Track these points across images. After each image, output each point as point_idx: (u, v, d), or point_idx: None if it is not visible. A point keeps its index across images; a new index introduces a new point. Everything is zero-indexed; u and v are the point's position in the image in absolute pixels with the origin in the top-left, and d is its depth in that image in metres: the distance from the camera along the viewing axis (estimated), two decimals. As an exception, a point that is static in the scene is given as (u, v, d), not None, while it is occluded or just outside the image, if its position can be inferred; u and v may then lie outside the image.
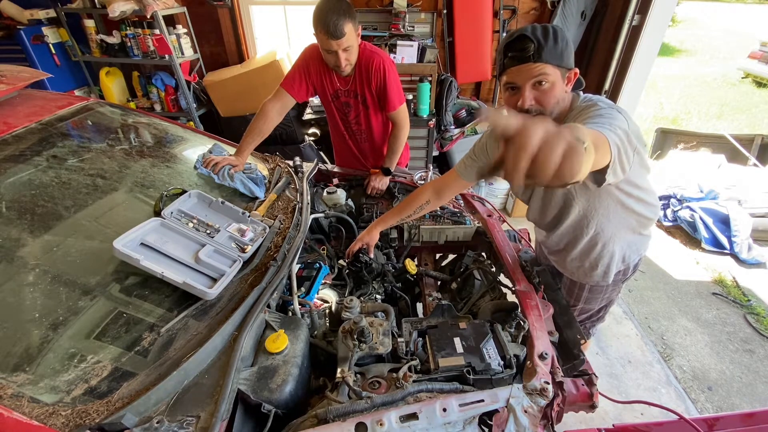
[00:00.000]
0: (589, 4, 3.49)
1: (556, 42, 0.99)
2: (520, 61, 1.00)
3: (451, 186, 1.50)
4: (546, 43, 0.98)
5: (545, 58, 0.99)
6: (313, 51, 1.79)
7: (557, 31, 1.00)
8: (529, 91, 1.03)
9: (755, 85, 8.69)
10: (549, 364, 1.06)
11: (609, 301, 1.57)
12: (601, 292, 1.50)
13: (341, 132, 2.07)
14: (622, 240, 1.34)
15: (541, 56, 0.99)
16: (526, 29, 1.00)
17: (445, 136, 3.64)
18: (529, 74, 1.01)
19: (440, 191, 1.51)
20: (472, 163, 1.41)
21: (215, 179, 1.53)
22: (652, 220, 1.33)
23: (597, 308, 1.58)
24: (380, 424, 0.87)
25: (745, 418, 1.05)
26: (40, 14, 3.17)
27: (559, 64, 1.02)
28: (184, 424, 0.80)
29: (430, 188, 1.52)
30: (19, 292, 0.93)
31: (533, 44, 0.98)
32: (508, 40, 1.02)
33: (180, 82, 3.33)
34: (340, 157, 2.26)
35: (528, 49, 0.98)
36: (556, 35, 1.00)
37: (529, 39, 0.98)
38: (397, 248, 1.75)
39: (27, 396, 0.77)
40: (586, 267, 1.44)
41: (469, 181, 1.46)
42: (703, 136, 4.50)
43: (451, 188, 1.51)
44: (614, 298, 1.56)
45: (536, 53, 0.98)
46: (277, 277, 1.17)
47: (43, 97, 1.62)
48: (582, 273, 1.48)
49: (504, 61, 1.03)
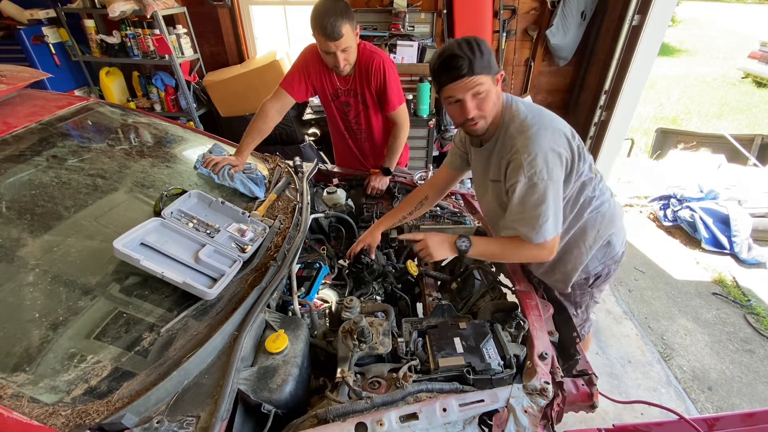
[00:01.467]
0: (589, 4, 3.49)
1: (482, 53, 1.07)
2: (456, 78, 1.08)
3: (443, 179, 1.56)
4: (474, 57, 1.06)
5: (477, 71, 1.07)
6: (312, 51, 1.79)
7: (480, 43, 1.09)
8: (470, 101, 1.13)
9: (755, 85, 8.70)
10: (549, 364, 1.06)
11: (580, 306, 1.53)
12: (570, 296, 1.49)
13: (341, 132, 2.07)
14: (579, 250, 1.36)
15: (473, 70, 1.07)
16: (452, 48, 1.08)
17: (445, 136, 3.64)
18: (466, 88, 1.10)
19: (436, 185, 1.57)
20: (456, 152, 1.49)
21: (215, 179, 1.53)
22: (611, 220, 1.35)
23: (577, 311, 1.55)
24: (380, 424, 0.87)
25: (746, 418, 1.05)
26: (40, 14, 3.17)
27: (488, 72, 1.10)
28: (184, 424, 0.80)
29: (427, 184, 1.59)
30: (19, 292, 0.93)
31: (465, 61, 1.06)
32: (440, 60, 1.10)
33: (180, 82, 3.33)
34: (340, 157, 2.26)
35: (462, 66, 1.06)
36: (480, 47, 1.08)
37: (460, 57, 1.06)
38: (398, 248, 1.75)
39: (27, 396, 0.77)
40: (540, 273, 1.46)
41: (459, 171, 1.53)
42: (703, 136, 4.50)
43: (445, 181, 1.56)
44: (585, 302, 1.53)
45: (469, 69, 1.07)
46: (277, 277, 1.17)
47: (43, 97, 1.62)
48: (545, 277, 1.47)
49: (441, 79, 1.12)
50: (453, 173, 1.54)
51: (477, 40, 1.09)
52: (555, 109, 1.23)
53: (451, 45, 1.09)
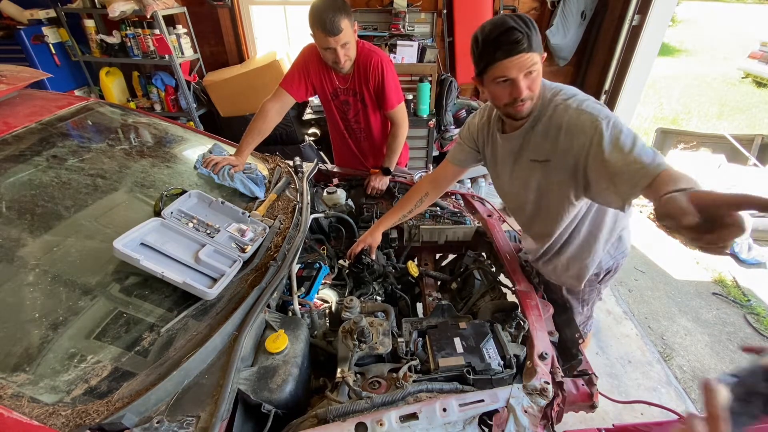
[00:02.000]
0: (589, 4, 3.49)
1: (535, 30, 1.01)
2: (514, 53, 1.00)
3: (446, 175, 1.51)
4: (531, 33, 1.00)
5: (534, 47, 1.01)
6: (312, 50, 1.79)
7: (530, 20, 1.03)
8: (523, 81, 1.05)
9: (755, 85, 8.69)
10: (549, 364, 1.06)
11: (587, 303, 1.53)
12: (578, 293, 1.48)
13: (341, 131, 2.07)
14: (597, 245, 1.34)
15: (531, 46, 1.00)
16: (507, 21, 0.99)
17: (445, 136, 3.64)
18: (522, 65, 1.02)
19: (436, 182, 1.53)
20: (461, 149, 1.43)
21: (215, 179, 1.53)
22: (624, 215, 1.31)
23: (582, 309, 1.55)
24: (380, 424, 0.87)
25: None
26: (40, 14, 3.17)
27: (540, 51, 1.04)
28: (184, 424, 0.80)
29: (426, 181, 1.55)
30: (19, 292, 0.93)
31: (524, 36, 0.98)
32: (494, 33, 1.00)
33: (180, 82, 3.33)
34: (340, 157, 2.26)
35: (521, 41, 0.98)
36: (532, 22, 1.02)
37: (518, 30, 0.98)
38: (397, 248, 1.75)
39: (27, 396, 0.77)
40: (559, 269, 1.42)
41: (461, 168, 1.48)
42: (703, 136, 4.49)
43: (446, 177, 1.52)
44: (592, 299, 1.52)
45: (528, 44, 0.99)
46: (277, 277, 1.17)
47: (43, 97, 1.62)
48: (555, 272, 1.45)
49: (494, 55, 1.02)
50: (455, 170, 1.48)
51: (526, 16, 1.03)
52: None
53: (504, 19, 1.00)
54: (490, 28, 1.02)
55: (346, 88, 1.85)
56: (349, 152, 2.15)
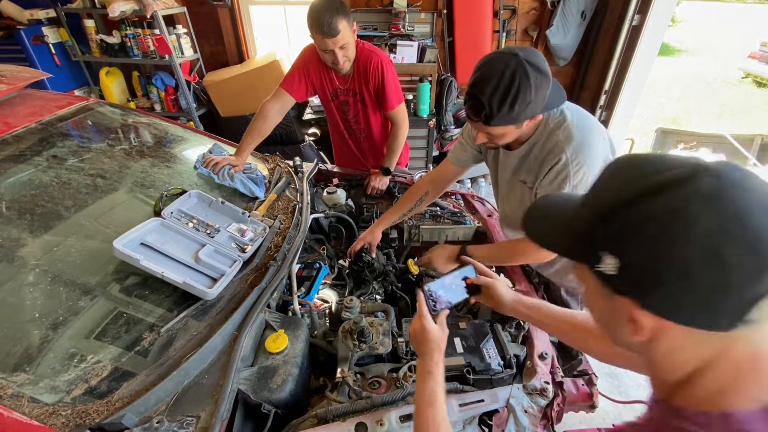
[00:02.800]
0: (589, 4, 3.49)
1: (513, 108, 0.95)
2: (472, 117, 1.02)
3: (446, 175, 1.51)
4: (499, 111, 0.95)
5: (495, 123, 0.99)
6: (312, 51, 1.78)
7: (519, 93, 0.93)
8: (484, 137, 1.09)
9: (755, 85, 8.69)
10: (549, 364, 1.06)
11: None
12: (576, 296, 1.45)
13: (341, 131, 2.07)
14: None
15: (490, 122, 0.99)
16: (487, 89, 0.95)
17: (445, 136, 3.64)
18: (480, 129, 1.05)
19: (437, 181, 1.52)
20: (462, 149, 1.42)
21: (215, 179, 1.53)
22: None
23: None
24: (380, 424, 0.87)
25: None
26: (40, 14, 3.17)
27: (513, 124, 1.01)
28: (184, 424, 0.80)
29: (426, 180, 1.54)
30: (19, 292, 0.93)
31: (485, 111, 0.97)
32: (471, 83, 0.99)
33: (180, 82, 3.33)
34: (340, 157, 2.26)
35: (479, 113, 0.98)
36: (516, 99, 0.94)
37: (483, 105, 0.96)
38: (397, 248, 1.75)
39: (27, 396, 0.77)
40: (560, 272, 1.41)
41: (462, 167, 1.47)
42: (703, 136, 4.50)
43: (447, 177, 1.52)
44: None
45: (486, 119, 0.98)
46: (277, 277, 1.17)
47: (43, 97, 1.62)
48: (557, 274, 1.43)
49: (465, 108, 1.04)
50: (456, 170, 1.47)
51: (522, 85, 0.92)
52: None
53: (490, 82, 0.94)
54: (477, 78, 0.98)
55: (346, 88, 1.85)
56: (349, 152, 2.14)
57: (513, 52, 0.94)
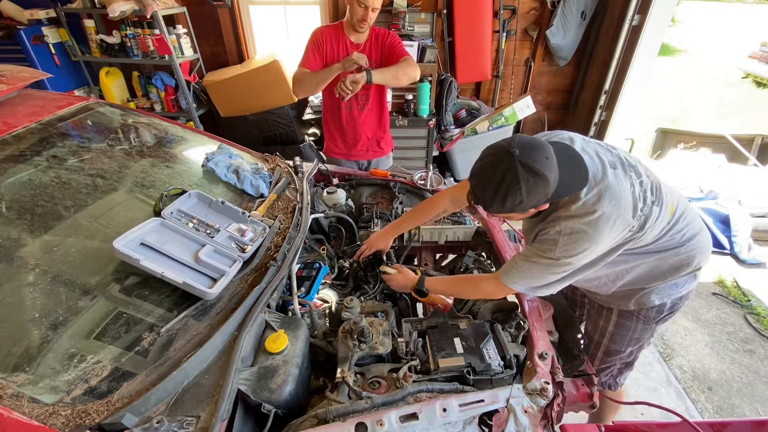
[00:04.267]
0: (589, 4, 3.49)
1: (504, 204, 0.94)
2: (472, 202, 1.03)
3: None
4: (491, 206, 0.97)
5: (491, 212, 1.02)
6: (321, 30, 2.02)
7: (508, 195, 0.92)
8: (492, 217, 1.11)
9: (755, 85, 8.69)
10: (549, 364, 1.06)
11: (639, 343, 1.39)
12: (629, 329, 1.35)
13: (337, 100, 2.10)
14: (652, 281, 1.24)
15: (487, 210, 1.01)
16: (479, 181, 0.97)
17: (445, 136, 3.64)
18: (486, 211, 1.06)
19: (457, 200, 1.47)
20: None
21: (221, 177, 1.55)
22: (687, 262, 1.21)
23: (626, 350, 1.40)
24: (380, 424, 0.87)
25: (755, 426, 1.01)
26: (40, 14, 3.17)
27: (511, 212, 1.01)
28: (184, 424, 0.80)
29: (447, 197, 1.47)
30: (19, 292, 0.93)
31: (479, 201, 1.00)
32: (471, 171, 1.00)
33: (180, 82, 3.32)
34: (330, 136, 2.32)
35: (477, 201, 1.01)
36: (505, 199, 0.93)
37: (477, 196, 0.99)
38: (398, 248, 1.75)
39: (27, 396, 0.77)
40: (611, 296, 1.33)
41: None
42: (703, 136, 4.50)
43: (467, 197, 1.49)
44: (645, 340, 1.39)
45: (484, 206, 1.00)
46: (277, 277, 1.17)
47: (43, 97, 1.62)
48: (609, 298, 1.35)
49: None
50: None
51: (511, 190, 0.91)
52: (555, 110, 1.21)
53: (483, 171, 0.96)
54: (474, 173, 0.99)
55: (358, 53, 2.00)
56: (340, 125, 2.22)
57: (511, 150, 0.91)
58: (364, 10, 1.85)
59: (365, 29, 1.97)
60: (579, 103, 3.93)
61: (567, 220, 1.02)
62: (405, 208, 1.81)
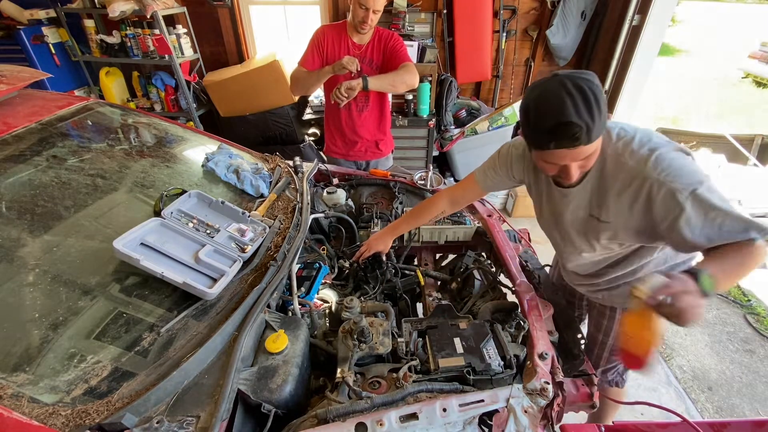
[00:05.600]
0: (589, 4, 3.49)
1: (600, 112, 0.86)
2: (569, 147, 0.89)
3: (467, 195, 1.45)
4: (594, 122, 0.86)
5: (593, 137, 0.89)
6: (323, 30, 2.02)
7: (597, 96, 0.86)
8: (576, 167, 0.96)
9: (755, 85, 8.69)
10: (549, 364, 1.06)
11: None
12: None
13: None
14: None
15: (590, 138, 0.88)
16: (565, 111, 0.85)
17: (445, 136, 3.64)
18: (577, 156, 0.92)
19: (456, 201, 1.46)
20: (494, 175, 1.33)
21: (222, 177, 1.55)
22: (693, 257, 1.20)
23: None
24: (380, 424, 0.87)
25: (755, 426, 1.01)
26: (40, 14, 3.17)
27: (601, 133, 0.92)
28: (184, 424, 0.80)
29: (445, 198, 1.46)
30: (19, 292, 0.93)
31: (583, 129, 0.85)
32: (552, 122, 0.87)
33: (180, 82, 3.32)
34: (330, 136, 2.32)
35: (579, 137, 0.87)
36: (599, 102, 0.86)
37: (578, 125, 0.85)
38: (398, 248, 1.75)
39: (27, 396, 0.77)
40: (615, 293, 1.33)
41: (487, 191, 1.41)
42: (703, 136, 4.49)
43: (467, 197, 1.46)
44: None
45: (586, 137, 0.87)
46: (277, 277, 1.17)
47: (43, 97, 1.62)
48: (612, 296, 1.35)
49: (544, 142, 0.91)
50: (481, 193, 1.40)
51: (594, 90, 0.86)
52: None
53: (562, 104, 0.85)
54: (544, 112, 0.88)
55: (360, 53, 2.03)
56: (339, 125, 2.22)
57: (553, 74, 0.90)
58: (365, 12, 1.85)
59: (367, 31, 1.96)
60: (579, 103, 3.92)
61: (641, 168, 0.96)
62: (405, 208, 1.81)
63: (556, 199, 1.19)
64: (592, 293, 1.40)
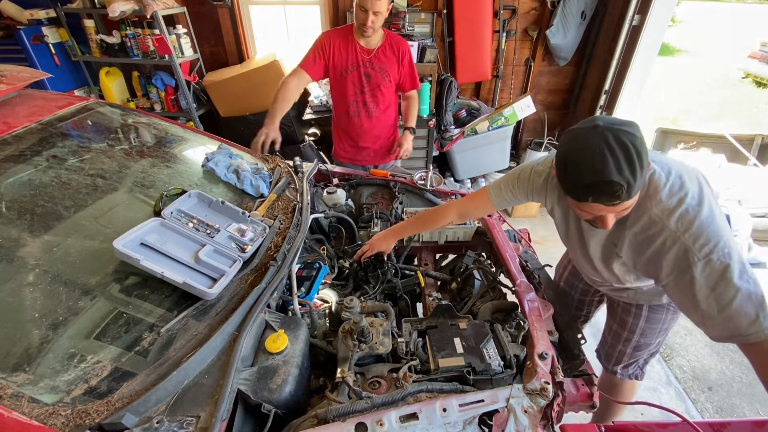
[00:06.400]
0: (589, 4, 3.49)
1: (642, 168, 0.85)
2: (609, 203, 0.89)
3: (479, 210, 1.45)
4: (635, 180, 0.85)
5: (634, 193, 0.88)
6: (328, 34, 2.02)
7: (640, 152, 0.84)
8: (612, 218, 0.96)
9: (755, 85, 8.69)
10: (549, 364, 1.06)
11: (667, 332, 1.42)
12: (660, 321, 1.37)
13: (346, 105, 2.15)
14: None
15: (630, 195, 0.87)
16: (608, 167, 0.83)
17: (445, 136, 3.64)
18: (615, 210, 0.92)
19: (465, 214, 1.45)
20: (511, 197, 1.31)
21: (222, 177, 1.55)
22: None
23: (655, 341, 1.43)
24: (380, 424, 0.87)
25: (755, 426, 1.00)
26: (40, 14, 3.17)
27: (640, 187, 0.91)
28: (184, 424, 0.80)
29: (455, 210, 1.44)
30: (19, 292, 0.93)
31: (624, 188, 0.84)
32: (593, 179, 0.86)
33: (180, 82, 3.32)
34: (338, 140, 2.34)
35: (620, 195, 0.86)
36: (641, 159, 0.84)
37: (618, 184, 0.84)
38: (397, 248, 1.75)
39: (27, 396, 0.77)
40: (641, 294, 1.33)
41: (499, 208, 1.39)
42: (703, 136, 4.49)
43: (478, 212, 1.47)
44: (672, 327, 1.41)
45: (627, 194, 0.86)
46: (277, 277, 1.17)
47: (43, 97, 1.62)
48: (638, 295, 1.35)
49: (584, 195, 0.90)
50: (492, 208, 1.38)
51: (637, 146, 0.84)
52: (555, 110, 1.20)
53: (605, 163, 0.83)
54: (585, 168, 0.86)
55: (369, 59, 2.03)
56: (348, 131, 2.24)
57: (593, 124, 0.87)
58: (365, 15, 1.84)
59: (370, 34, 1.95)
60: (579, 103, 3.93)
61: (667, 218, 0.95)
62: (405, 208, 1.81)
63: (584, 228, 1.21)
64: (615, 294, 1.41)
